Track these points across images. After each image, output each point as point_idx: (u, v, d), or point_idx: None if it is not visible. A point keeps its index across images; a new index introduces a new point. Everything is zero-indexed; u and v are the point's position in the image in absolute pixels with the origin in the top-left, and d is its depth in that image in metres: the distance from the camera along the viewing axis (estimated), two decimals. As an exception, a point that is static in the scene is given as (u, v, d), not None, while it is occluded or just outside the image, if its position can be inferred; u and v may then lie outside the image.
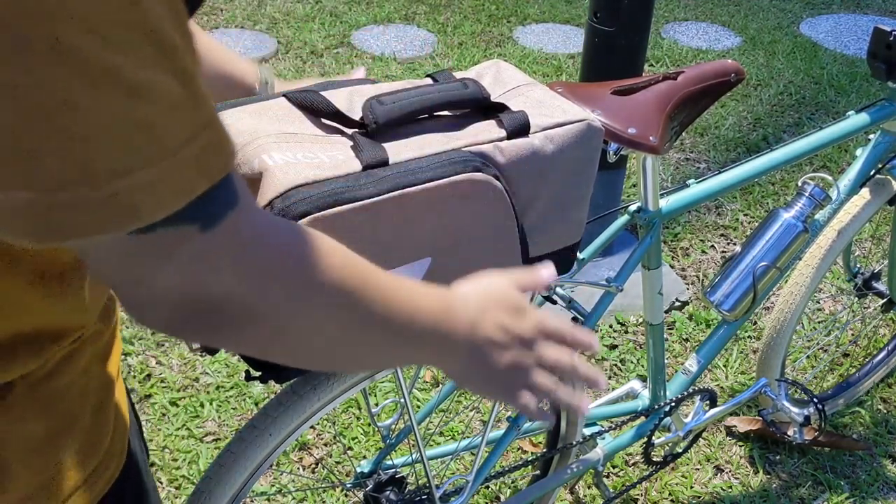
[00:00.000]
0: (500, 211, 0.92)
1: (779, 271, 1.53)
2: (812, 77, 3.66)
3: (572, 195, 1.00)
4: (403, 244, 0.86)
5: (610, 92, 1.23)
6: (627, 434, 1.57)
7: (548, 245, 1.01)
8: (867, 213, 1.71)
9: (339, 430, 1.90)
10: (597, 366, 2.12)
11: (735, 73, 1.29)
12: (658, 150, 1.20)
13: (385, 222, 0.84)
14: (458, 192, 0.87)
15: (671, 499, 1.80)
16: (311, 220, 0.79)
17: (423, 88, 0.90)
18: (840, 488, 1.83)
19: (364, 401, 1.63)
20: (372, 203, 0.82)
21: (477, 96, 0.91)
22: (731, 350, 2.19)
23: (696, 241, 2.61)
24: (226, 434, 1.88)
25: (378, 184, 0.83)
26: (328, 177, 0.82)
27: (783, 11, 4.38)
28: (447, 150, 0.88)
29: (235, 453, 1.09)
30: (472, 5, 4.24)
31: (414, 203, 0.85)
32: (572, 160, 0.97)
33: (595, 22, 2.10)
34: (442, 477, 1.74)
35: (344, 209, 0.80)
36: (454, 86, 0.91)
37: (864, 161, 1.63)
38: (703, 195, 1.41)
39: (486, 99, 0.92)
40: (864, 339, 2.25)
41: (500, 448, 1.34)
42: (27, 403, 0.58)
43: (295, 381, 1.11)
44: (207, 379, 2.01)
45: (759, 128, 3.24)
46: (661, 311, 1.47)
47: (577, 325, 0.73)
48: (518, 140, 0.92)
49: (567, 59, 3.72)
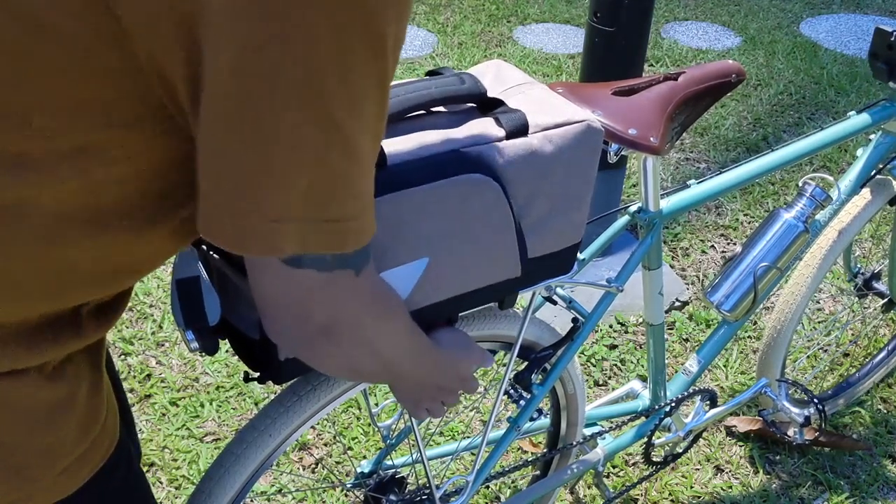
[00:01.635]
0: (498, 211, 0.91)
1: (779, 272, 1.53)
2: (812, 77, 3.66)
3: (572, 196, 0.99)
4: (400, 245, 0.86)
5: (611, 92, 1.23)
6: (628, 434, 1.57)
7: (547, 246, 1.01)
8: (868, 214, 1.71)
9: (339, 430, 1.90)
10: (597, 366, 2.13)
11: (736, 74, 1.29)
12: (659, 150, 1.20)
13: (382, 223, 0.83)
14: (455, 193, 0.87)
15: (671, 499, 1.80)
16: None
17: (419, 83, 0.90)
18: (840, 488, 1.83)
19: (364, 401, 1.63)
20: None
21: (474, 91, 0.91)
22: (731, 350, 2.19)
23: (696, 241, 2.61)
24: (226, 434, 1.88)
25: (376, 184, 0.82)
26: None
27: (783, 11, 4.38)
28: (445, 150, 0.88)
29: (236, 454, 1.09)
30: (472, 5, 4.24)
31: (411, 204, 0.85)
32: (572, 161, 0.97)
33: (595, 22, 2.10)
34: (442, 477, 1.74)
35: None
36: (451, 80, 0.91)
37: (865, 161, 1.63)
38: (704, 196, 1.41)
39: (483, 94, 0.92)
40: (864, 339, 2.25)
41: (501, 448, 1.34)
42: (39, 377, 0.62)
43: (295, 382, 1.11)
44: (207, 379, 2.01)
45: (759, 128, 3.24)
46: (662, 311, 1.47)
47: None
48: (517, 140, 0.92)
49: (567, 59, 3.72)
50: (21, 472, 0.63)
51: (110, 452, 0.71)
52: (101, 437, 0.70)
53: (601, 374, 2.10)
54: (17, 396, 0.61)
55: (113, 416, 0.72)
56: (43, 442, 0.64)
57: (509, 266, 0.97)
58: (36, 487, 0.64)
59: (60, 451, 0.65)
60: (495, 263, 0.95)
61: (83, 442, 0.67)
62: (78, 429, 0.66)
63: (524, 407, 1.32)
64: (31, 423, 0.62)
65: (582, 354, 2.14)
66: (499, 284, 0.98)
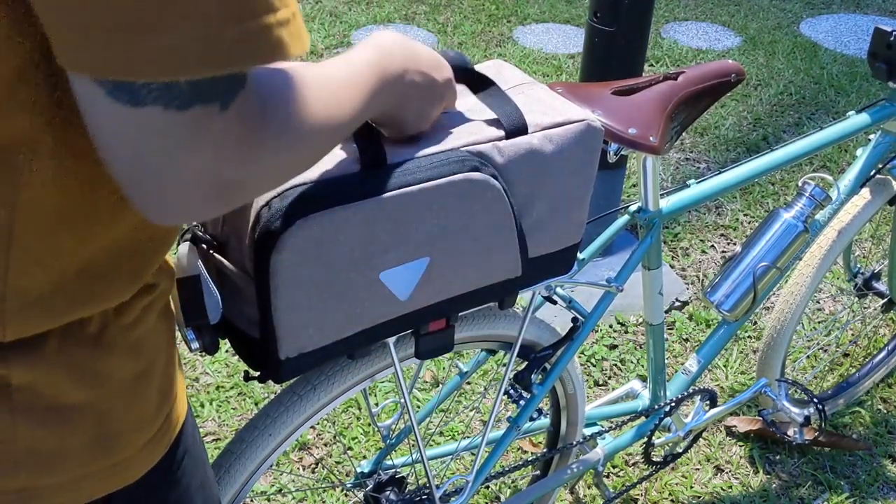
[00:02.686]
0: (498, 210, 0.91)
1: (779, 271, 1.53)
2: (812, 77, 3.66)
3: (572, 195, 1.00)
4: (401, 244, 0.86)
5: (610, 92, 1.23)
6: (628, 434, 1.57)
7: (547, 245, 1.01)
8: (867, 214, 1.71)
9: (339, 430, 1.90)
10: (597, 366, 2.13)
11: (736, 74, 1.29)
12: (658, 150, 1.20)
13: (383, 222, 0.84)
14: (455, 192, 0.87)
15: (671, 499, 1.80)
16: (309, 219, 0.79)
17: None
18: (840, 488, 1.83)
19: (364, 401, 1.63)
20: (369, 203, 0.82)
21: (458, 62, 0.91)
22: (731, 350, 2.19)
23: (696, 241, 2.61)
24: (226, 434, 1.88)
25: (376, 183, 0.83)
26: (326, 177, 0.82)
27: (783, 11, 4.38)
28: (445, 149, 0.88)
29: (235, 453, 1.09)
30: (472, 5, 4.24)
31: (412, 202, 0.85)
32: (572, 160, 0.97)
33: (595, 22, 2.10)
34: (442, 477, 1.74)
35: (341, 209, 0.81)
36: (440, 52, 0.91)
37: (865, 161, 1.63)
38: (704, 195, 1.41)
39: (468, 65, 0.92)
40: (864, 339, 2.25)
41: (501, 448, 1.34)
42: (121, 347, 0.64)
43: (295, 381, 1.12)
44: (207, 379, 2.01)
45: (759, 128, 3.24)
46: (662, 311, 1.47)
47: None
48: (517, 139, 0.92)
49: (567, 59, 3.72)
50: (119, 437, 0.65)
51: (181, 422, 0.74)
52: (176, 407, 0.72)
53: (601, 374, 2.10)
54: (107, 367, 0.63)
55: (183, 388, 0.75)
56: (132, 409, 0.66)
57: (510, 266, 0.97)
58: (130, 455, 0.67)
59: (147, 418, 0.68)
60: (496, 263, 0.95)
61: (164, 409, 0.70)
62: (158, 396, 0.69)
63: (524, 407, 1.32)
64: (123, 391, 0.65)
65: (582, 354, 2.14)
66: (499, 284, 0.98)
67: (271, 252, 0.79)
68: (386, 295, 0.89)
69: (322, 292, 0.84)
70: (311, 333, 0.86)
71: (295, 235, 0.79)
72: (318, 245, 0.81)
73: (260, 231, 0.79)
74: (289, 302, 0.82)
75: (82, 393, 0.62)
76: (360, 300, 0.87)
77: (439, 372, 2.09)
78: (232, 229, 0.85)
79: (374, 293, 0.88)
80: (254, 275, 0.81)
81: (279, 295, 0.81)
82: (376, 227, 0.84)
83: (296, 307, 0.83)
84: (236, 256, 0.85)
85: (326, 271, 0.83)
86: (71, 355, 0.61)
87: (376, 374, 1.14)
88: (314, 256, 0.81)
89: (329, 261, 0.82)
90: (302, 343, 0.86)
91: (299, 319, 0.84)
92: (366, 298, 0.88)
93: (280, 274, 0.80)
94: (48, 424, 0.61)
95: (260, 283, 0.81)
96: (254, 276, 0.81)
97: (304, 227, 0.79)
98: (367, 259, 0.85)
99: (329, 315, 0.86)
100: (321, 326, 0.86)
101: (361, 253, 0.84)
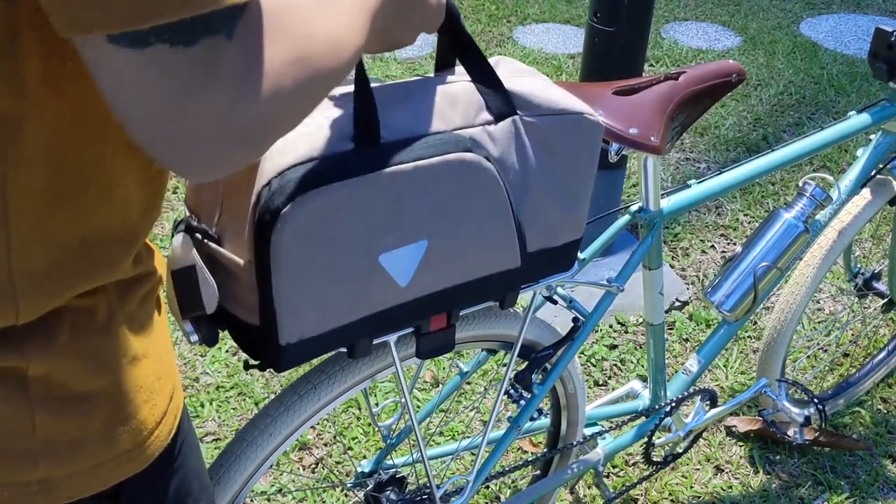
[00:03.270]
0: (493, 193, 0.92)
1: (779, 272, 1.53)
2: (812, 77, 3.66)
3: (570, 189, 0.99)
4: (399, 225, 0.86)
5: (611, 92, 1.23)
6: (628, 434, 1.57)
7: (546, 240, 1.01)
8: (868, 214, 1.71)
9: (339, 430, 1.90)
10: (597, 366, 2.13)
11: (736, 74, 1.29)
12: (659, 150, 1.20)
13: (380, 199, 0.84)
14: (450, 172, 0.87)
15: (671, 499, 1.80)
16: (309, 195, 0.80)
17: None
18: (840, 488, 1.83)
19: (364, 401, 1.63)
20: (367, 178, 0.82)
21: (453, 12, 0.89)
22: (731, 350, 2.19)
23: (696, 241, 2.61)
24: (226, 434, 1.88)
25: (372, 161, 0.83)
26: (323, 155, 0.82)
27: (783, 11, 4.38)
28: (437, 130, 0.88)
29: (236, 453, 1.09)
30: (472, 5, 4.24)
31: (407, 180, 0.85)
32: (568, 152, 0.97)
33: (595, 22, 2.10)
34: (442, 477, 1.74)
35: (340, 184, 0.81)
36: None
37: (865, 161, 1.63)
38: (704, 195, 1.41)
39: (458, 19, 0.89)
40: (864, 339, 2.25)
41: (501, 448, 1.34)
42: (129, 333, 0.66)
43: (295, 381, 1.11)
44: (207, 379, 2.01)
45: (759, 128, 3.24)
46: (662, 311, 1.47)
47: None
48: (504, 123, 0.92)
49: (567, 59, 3.73)
50: (132, 422, 0.66)
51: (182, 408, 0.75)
52: (177, 391, 0.73)
53: (601, 374, 2.10)
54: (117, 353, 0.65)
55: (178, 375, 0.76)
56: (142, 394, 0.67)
57: (508, 255, 0.97)
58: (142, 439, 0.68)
59: (156, 401, 0.69)
60: (494, 251, 0.95)
61: (168, 392, 0.71)
62: (164, 380, 0.70)
63: (524, 407, 1.32)
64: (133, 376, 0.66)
65: (582, 354, 2.14)
66: (499, 276, 0.98)
67: (272, 231, 0.79)
68: (386, 280, 0.89)
69: (322, 274, 0.84)
70: (311, 318, 0.86)
71: (295, 212, 0.79)
72: (318, 223, 0.81)
73: (260, 209, 0.79)
74: (289, 284, 0.82)
75: (96, 381, 0.63)
76: (360, 284, 0.87)
77: (439, 372, 2.09)
78: (230, 218, 0.85)
79: (374, 277, 0.88)
80: (254, 257, 0.81)
81: (279, 276, 0.81)
82: (374, 205, 0.84)
83: (296, 290, 0.83)
84: (235, 243, 0.85)
85: (326, 252, 0.83)
86: (83, 344, 0.62)
87: (377, 373, 1.14)
88: (314, 235, 0.81)
89: (329, 241, 0.82)
90: (303, 328, 0.86)
91: (300, 303, 0.84)
92: (366, 282, 0.87)
93: (281, 254, 0.80)
94: (65, 414, 0.62)
95: (260, 265, 0.81)
96: (254, 258, 0.81)
97: (304, 204, 0.79)
98: (366, 240, 0.85)
99: (330, 299, 0.86)
100: (322, 311, 0.86)
101: (360, 233, 0.84)
